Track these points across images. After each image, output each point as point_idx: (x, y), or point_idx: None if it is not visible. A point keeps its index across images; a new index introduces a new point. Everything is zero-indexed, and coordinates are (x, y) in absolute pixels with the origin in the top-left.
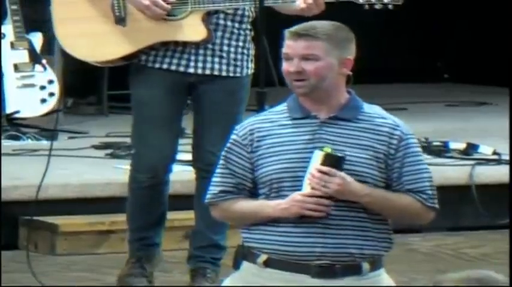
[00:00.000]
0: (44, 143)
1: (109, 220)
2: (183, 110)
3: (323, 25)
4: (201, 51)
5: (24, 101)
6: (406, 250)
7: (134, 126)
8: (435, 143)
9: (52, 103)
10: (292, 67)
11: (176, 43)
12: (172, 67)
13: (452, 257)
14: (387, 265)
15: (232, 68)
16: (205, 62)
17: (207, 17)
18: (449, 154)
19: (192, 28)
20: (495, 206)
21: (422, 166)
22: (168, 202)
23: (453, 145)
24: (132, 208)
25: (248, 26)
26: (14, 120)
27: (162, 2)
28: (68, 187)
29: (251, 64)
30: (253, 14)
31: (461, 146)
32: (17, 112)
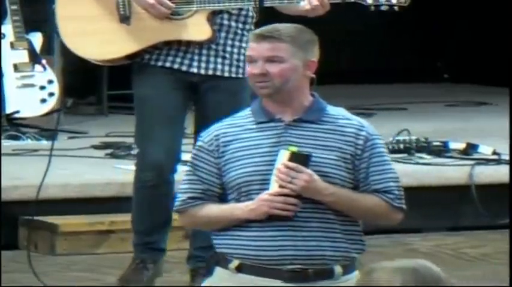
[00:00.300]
0: (44, 143)
1: (109, 220)
2: (187, 110)
3: (287, 27)
4: (205, 51)
5: (24, 101)
6: (406, 250)
7: (138, 125)
8: (435, 143)
9: (52, 103)
10: (256, 69)
11: (180, 42)
12: (175, 65)
13: (452, 257)
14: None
15: (234, 69)
16: (208, 63)
17: (212, 17)
18: (449, 154)
19: (197, 28)
20: (495, 206)
21: (388, 167)
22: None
23: (453, 145)
24: (138, 209)
25: (252, 27)
26: (14, 120)
27: (167, 1)
28: (68, 187)
29: None
30: (257, 15)
31: (461, 146)
32: (17, 112)
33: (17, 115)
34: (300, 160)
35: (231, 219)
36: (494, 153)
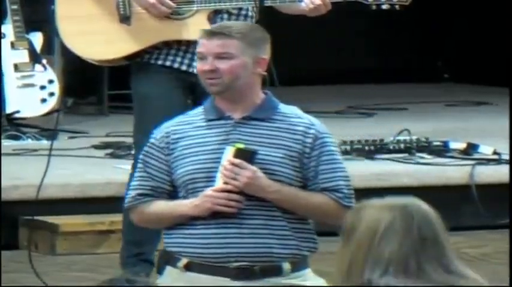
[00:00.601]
0: (44, 143)
1: (109, 220)
2: (187, 109)
3: (237, 24)
4: None
5: (24, 101)
6: None
7: (137, 125)
8: (435, 143)
9: (52, 103)
10: (206, 66)
11: (180, 42)
12: (175, 65)
13: None
14: None
15: None
16: None
17: (213, 17)
18: (449, 154)
19: (198, 27)
20: (495, 206)
21: (337, 165)
22: None
23: (453, 145)
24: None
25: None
26: (14, 120)
27: (168, 0)
28: (68, 187)
29: None
30: (256, 15)
31: (461, 146)
32: (17, 112)
33: (18, 115)
34: (245, 157)
35: (177, 215)
36: (494, 153)
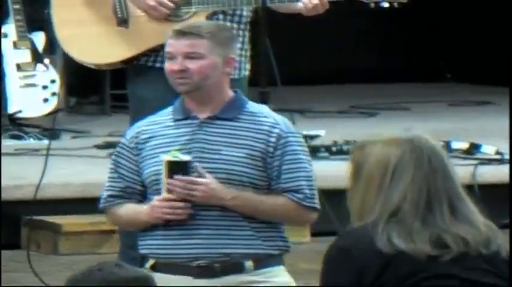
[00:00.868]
0: (46, 142)
1: None
2: None
3: (206, 24)
4: None
5: (26, 101)
6: None
7: None
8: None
9: (54, 103)
10: (175, 66)
11: None
12: None
13: None
14: None
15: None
16: None
17: (211, 17)
18: (452, 154)
19: None
20: (498, 205)
21: (300, 165)
22: None
23: (456, 145)
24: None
25: (247, 27)
26: (17, 119)
27: (167, 1)
28: (70, 187)
29: (248, 65)
30: (251, 14)
31: (464, 145)
32: (19, 112)
33: (20, 115)
34: (181, 167)
35: (140, 222)
36: (497, 153)
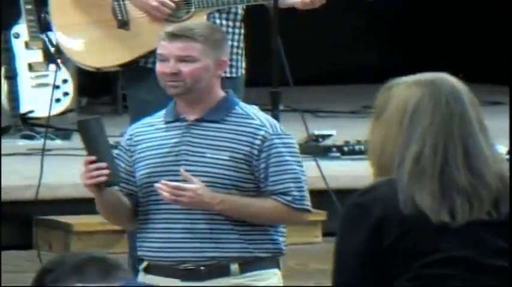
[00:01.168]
0: (59, 142)
1: None
2: None
3: (199, 26)
4: None
5: (38, 101)
6: None
7: None
8: None
9: (66, 103)
10: (167, 68)
11: None
12: None
13: None
14: None
15: (228, 69)
16: None
17: (208, 16)
18: None
19: None
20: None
21: (287, 167)
22: None
23: None
24: None
25: (242, 25)
26: (29, 119)
27: (169, 2)
28: (82, 187)
29: (244, 64)
30: (243, 12)
31: None
32: (31, 112)
33: (32, 115)
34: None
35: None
36: (509, 153)
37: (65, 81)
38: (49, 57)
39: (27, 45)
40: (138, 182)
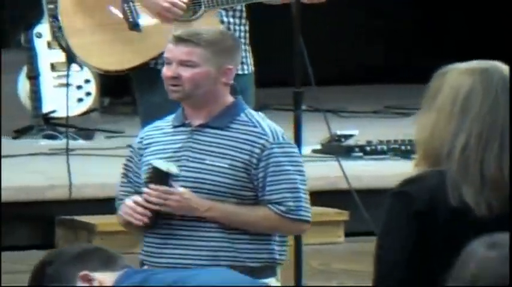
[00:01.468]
0: (81, 142)
1: None
2: None
3: (208, 32)
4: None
5: (60, 101)
6: None
7: None
8: None
9: (88, 103)
10: (169, 72)
11: None
12: None
13: None
14: None
15: (240, 66)
16: None
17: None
18: None
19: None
20: None
21: (285, 177)
22: None
23: None
24: None
25: (247, 22)
26: (51, 119)
27: (180, 2)
28: (105, 187)
29: (252, 60)
30: (244, 9)
31: None
32: (54, 111)
33: (54, 115)
34: (160, 176)
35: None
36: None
37: (87, 81)
38: (71, 57)
39: (49, 45)
40: (142, 185)
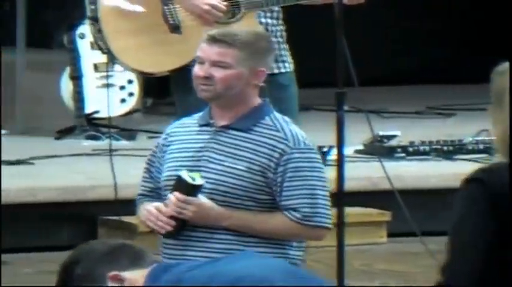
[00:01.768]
0: (124, 143)
1: None
2: None
3: (243, 33)
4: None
5: (103, 101)
6: None
7: None
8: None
9: (131, 103)
10: (201, 72)
11: None
12: None
13: None
14: None
15: (281, 64)
16: None
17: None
18: None
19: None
20: None
21: (303, 182)
22: None
23: None
24: None
25: (283, 22)
26: (94, 120)
27: (220, 5)
28: None
29: (291, 59)
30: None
31: None
32: (97, 112)
33: (97, 115)
34: (186, 187)
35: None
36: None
37: (130, 81)
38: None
39: (92, 45)
40: (162, 182)
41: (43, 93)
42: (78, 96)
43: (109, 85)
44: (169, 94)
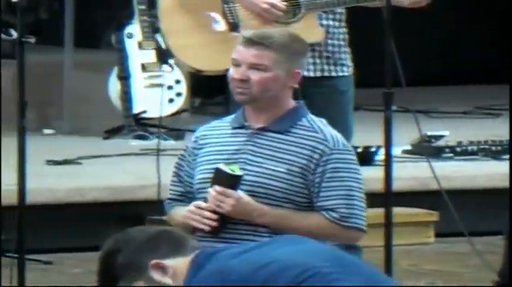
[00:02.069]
0: (172, 142)
1: None
2: None
3: (279, 35)
4: (309, 53)
5: (151, 101)
6: None
7: None
8: None
9: (179, 103)
10: (237, 74)
11: None
12: None
13: None
14: None
15: (339, 68)
16: (315, 65)
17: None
18: None
19: (310, 30)
20: None
21: (340, 183)
22: None
23: None
24: None
25: (346, 25)
26: (142, 120)
27: (280, 4)
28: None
29: (351, 63)
30: (344, 11)
31: None
32: (144, 112)
33: (145, 115)
34: (226, 179)
35: (183, 224)
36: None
37: (178, 81)
38: (162, 57)
39: (140, 45)
40: (195, 186)
41: (91, 93)
42: (125, 96)
43: (158, 85)
44: (217, 94)
